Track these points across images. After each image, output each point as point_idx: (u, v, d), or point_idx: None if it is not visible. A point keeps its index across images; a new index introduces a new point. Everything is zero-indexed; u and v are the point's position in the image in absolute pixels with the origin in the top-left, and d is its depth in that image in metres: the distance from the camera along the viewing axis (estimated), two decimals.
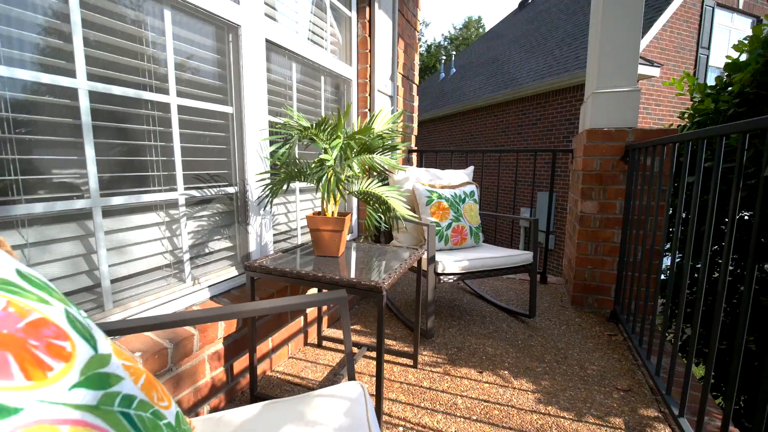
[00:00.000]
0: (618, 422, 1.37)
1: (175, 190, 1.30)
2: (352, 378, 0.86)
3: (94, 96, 1.05)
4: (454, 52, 17.11)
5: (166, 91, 1.25)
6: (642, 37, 7.58)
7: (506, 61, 11.51)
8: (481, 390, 1.54)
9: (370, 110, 2.49)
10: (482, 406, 1.44)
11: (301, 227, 2.07)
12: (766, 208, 0.95)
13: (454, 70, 15.20)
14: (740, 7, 9.21)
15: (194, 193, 1.37)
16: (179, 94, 1.30)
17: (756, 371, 1.85)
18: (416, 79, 3.31)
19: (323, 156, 1.22)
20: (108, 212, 1.11)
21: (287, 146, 1.32)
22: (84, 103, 1.02)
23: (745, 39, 2.09)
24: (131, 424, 0.42)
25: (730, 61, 2.21)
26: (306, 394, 0.77)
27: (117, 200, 1.12)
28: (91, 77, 1.03)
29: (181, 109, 1.31)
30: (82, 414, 0.37)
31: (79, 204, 1.03)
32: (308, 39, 2.01)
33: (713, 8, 8.75)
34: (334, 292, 0.91)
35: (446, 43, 32.57)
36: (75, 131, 1.02)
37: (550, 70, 8.68)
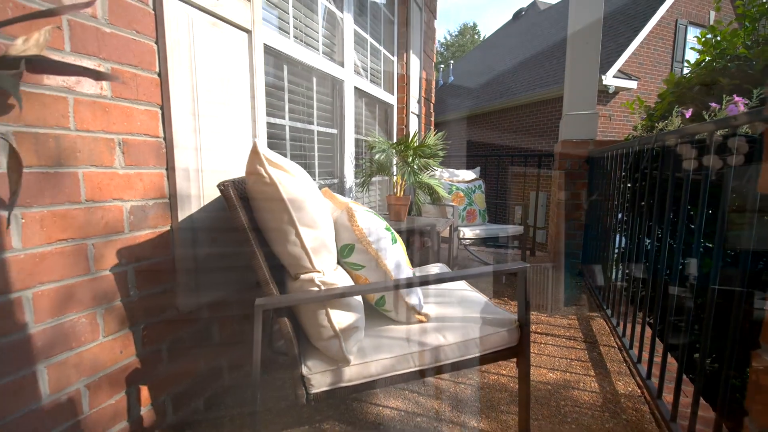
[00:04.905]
0: (573, 316, 2.31)
1: (315, 180, 2.23)
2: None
3: (290, 128, 1.97)
4: (452, 61, 18.13)
5: (312, 123, 2.18)
6: (622, 53, 8.59)
7: (501, 72, 12.51)
8: None
9: (405, 126, 3.42)
10: None
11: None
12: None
13: (452, 78, 16.19)
14: (711, 24, 10.20)
15: (321, 181, 2.30)
16: (317, 124, 2.22)
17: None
18: (433, 99, 4.25)
19: (407, 160, 2.16)
20: None
21: (383, 154, 2.25)
22: (287, 132, 1.94)
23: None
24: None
25: (661, 91, 3.17)
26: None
27: None
28: (291, 119, 1.96)
29: (318, 133, 2.24)
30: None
31: None
32: (370, 80, 2.94)
33: (686, 26, 9.76)
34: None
35: (442, 49, 33.69)
36: (282, 147, 1.94)
37: (541, 82, 9.67)
